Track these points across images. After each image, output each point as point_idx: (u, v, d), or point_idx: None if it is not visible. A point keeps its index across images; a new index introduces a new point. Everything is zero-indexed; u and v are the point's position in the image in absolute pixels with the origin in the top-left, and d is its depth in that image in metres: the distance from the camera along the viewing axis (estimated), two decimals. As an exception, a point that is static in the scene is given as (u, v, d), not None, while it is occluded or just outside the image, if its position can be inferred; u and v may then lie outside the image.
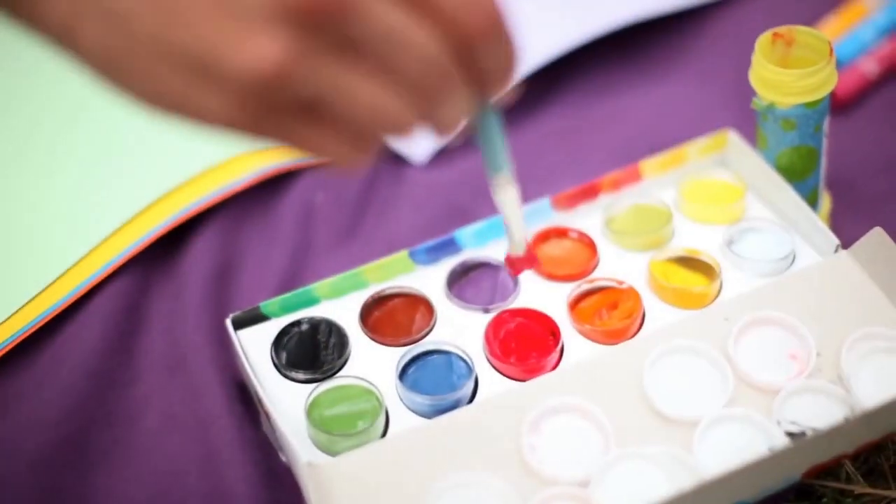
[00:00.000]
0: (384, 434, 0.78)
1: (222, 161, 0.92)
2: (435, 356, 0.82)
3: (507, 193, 0.68)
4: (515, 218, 0.71)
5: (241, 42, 0.52)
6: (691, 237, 0.87)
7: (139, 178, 0.92)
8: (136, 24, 0.53)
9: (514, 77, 0.58)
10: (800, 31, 0.86)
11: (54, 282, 0.87)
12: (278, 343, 0.82)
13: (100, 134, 0.95)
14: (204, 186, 0.91)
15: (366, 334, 0.83)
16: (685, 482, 0.73)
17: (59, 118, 0.96)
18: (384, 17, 0.53)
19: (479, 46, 0.56)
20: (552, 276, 0.85)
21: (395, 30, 0.54)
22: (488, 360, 0.81)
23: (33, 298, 0.86)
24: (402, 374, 0.81)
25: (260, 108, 0.54)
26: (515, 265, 0.75)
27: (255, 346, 0.82)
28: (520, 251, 0.74)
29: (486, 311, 0.84)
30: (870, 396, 0.76)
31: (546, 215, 0.88)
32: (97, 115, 0.95)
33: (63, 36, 0.55)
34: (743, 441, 0.76)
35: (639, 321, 0.83)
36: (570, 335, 0.82)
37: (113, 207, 0.90)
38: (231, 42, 0.52)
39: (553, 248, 0.87)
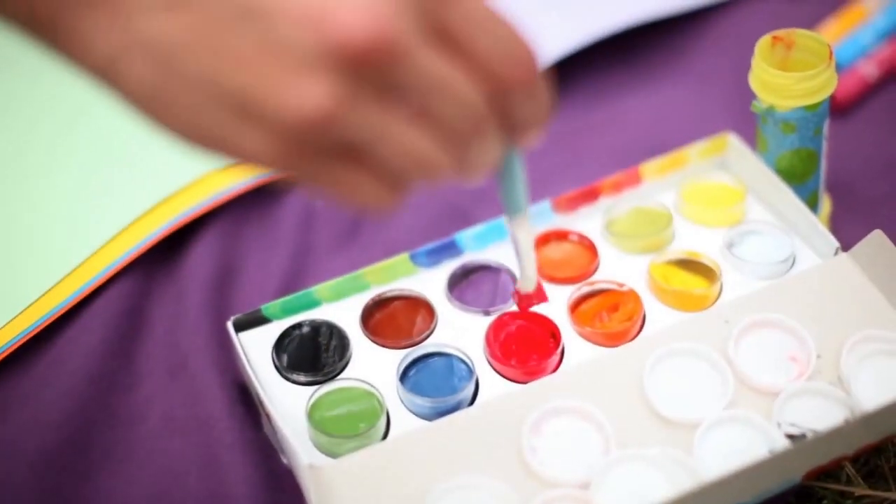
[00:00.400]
0: (385, 436, 0.78)
1: (223, 165, 0.92)
2: (436, 358, 0.82)
3: (522, 231, 0.70)
4: (528, 255, 0.73)
5: (289, 85, 0.53)
6: (691, 240, 0.87)
7: (140, 182, 0.92)
8: (183, 63, 0.54)
9: (544, 126, 0.59)
10: (799, 35, 0.86)
11: (56, 285, 0.87)
12: (279, 345, 0.83)
13: (101, 137, 0.95)
14: (205, 190, 0.91)
15: (367, 336, 0.83)
16: (685, 484, 0.73)
17: (60, 121, 0.96)
18: (429, 66, 0.54)
19: (514, 96, 0.57)
20: (553, 279, 0.85)
21: (439, 78, 0.54)
22: (489, 362, 0.81)
23: (35, 302, 0.86)
24: (403, 376, 0.81)
25: (300, 149, 0.54)
26: (524, 301, 0.78)
27: (256, 349, 0.83)
28: (530, 287, 0.76)
29: (487, 313, 0.84)
30: (870, 398, 0.76)
31: (546, 218, 0.88)
32: (98, 118, 0.95)
33: (107, 71, 0.55)
34: (743, 443, 0.76)
35: (639, 323, 0.83)
36: (570, 337, 0.82)
37: (114, 211, 0.90)
38: (278, 85, 0.53)
39: (553, 251, 0.87)
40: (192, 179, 0.92)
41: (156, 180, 0.92)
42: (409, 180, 0.57)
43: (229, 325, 0.82)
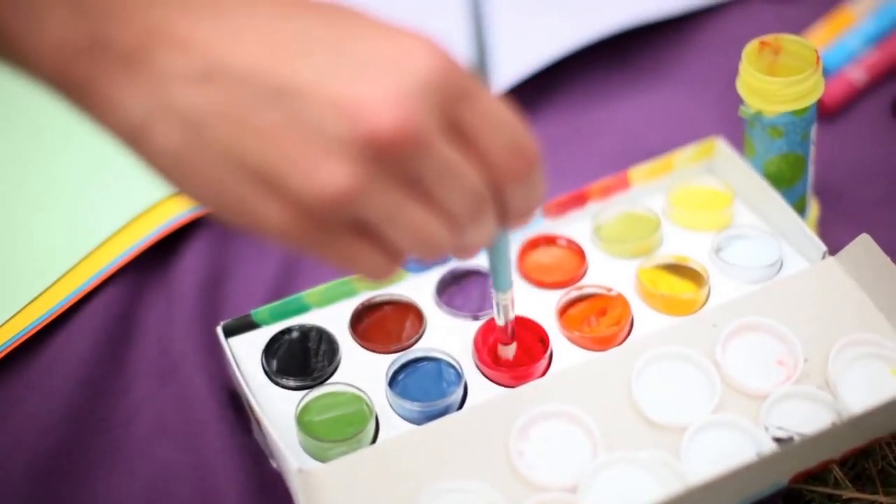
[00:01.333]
0: (374, 440, 0.79)
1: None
2: (425, 363, 0.82)
3: (505, 302, 0.76)
4: (508, 316, 0.78)
5: (314, 166, 0.55)
6: (680, 244, 0.88)
7: (131, 187, 0.92)
8: (211, 133, 0.55)
9: (534, 215, 0.64)
10: (787, 40, 0.86)
11: (46, 290, 0.87)
12: (269, 350, 0.83)
13: (91, 143, 0.95)
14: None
15: (356, 341, 0.83)
16: (673, 487, 0.73)
17: (51, 128, 0.96)
18: (443, 156, 0.57)
19: (512, 186, 0.60)
20: (541, 284, 0.86)
21: (451, 168, 0.57)
22: (477, 366, 0.82)
23: (25, 307, 0.86)
24: (392, 380, 0.81)
25: (315, 226, 0.57)
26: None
27: (245, 354, 0.83)
28: (509, 356, 0.81)
29: (476, 318, 0.84)
30: (857, 402, 0.77)
31: (535, 223, 0.89)
32: (89, 125, 0.95)
33: (135, 135, 0.57)
34: (731, 446, 0.76)
35: (627, 328, 0.83)
36: (559, 342, 0.83)
37: (104, 216, 0.91)
38: (304, 164, 0.55)
39: (542, 256, 0.88)
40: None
41: (146, 186, 0.92)
42: (409, 255, 0.60)
43: (219, 331, 0.83)
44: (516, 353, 0.81)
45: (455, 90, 0.57)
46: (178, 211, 0.91)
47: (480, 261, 0.86)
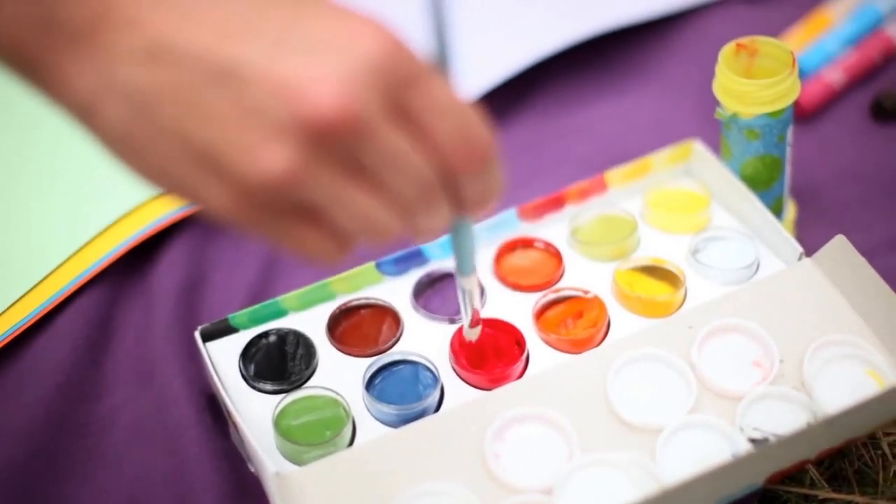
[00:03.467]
0: (351, 443, 0.79)
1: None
2: (401, 366, 0.82)
3: (468, 286, 0.75)
4: (473, 307, 0.78)
5: (255, 148, 0.55)
6: (657, 246, 0.88)
7: (109, 192, 0.92)
8: (156, 112, 0.56)
9: (493, 204, 0.63)
10: (763, 42, 0.86)
11: (25, 295, 0.87)
12: (246, 354, 0.83)
13: (70, 148, 0.95)
14: (173, 201, 0.92)
15: (333, 345, 0.84)
16: (649, 489, 0.74)
17: (29, 134, 0.96)
18: (388, 142, 0.57)
19: (465, 177, 0.60)
20: (518, 287, 0.86)
21: (396, 154, 0.57)
22: (454, 369, 0.82)
23: (3, 312, 0.86)
24: (369, 384, 0.81)
25: (257, 207, 0.57)
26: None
27: (223, 358, 0.83)
28: (473, 338, 0.80)
29: (453, 321, 0.84)
30: (832, 402, 0.77)
31: (512, 225, 0.89)
32: (67, 130, 0.95)
33: (84, 111, 0.58)
34: (706, 448, 0.76)
35: (604, 330, 0.83)
36: (535, 345, 0.83)
37: (83, 221, 0.91)
38: (244, 146, 0.56)
39: (519, 259, 0.88)
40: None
41: (125, 190, 0.92)
42: (357, 239, 0.60)
43: (197, 335, 0.83)
44: (491, 356, 0.81)
45: (402, 76, 0.57)
46: (156, 215, 0.91)
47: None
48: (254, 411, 0.80)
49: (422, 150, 0.58)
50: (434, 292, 0.86)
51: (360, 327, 0.85)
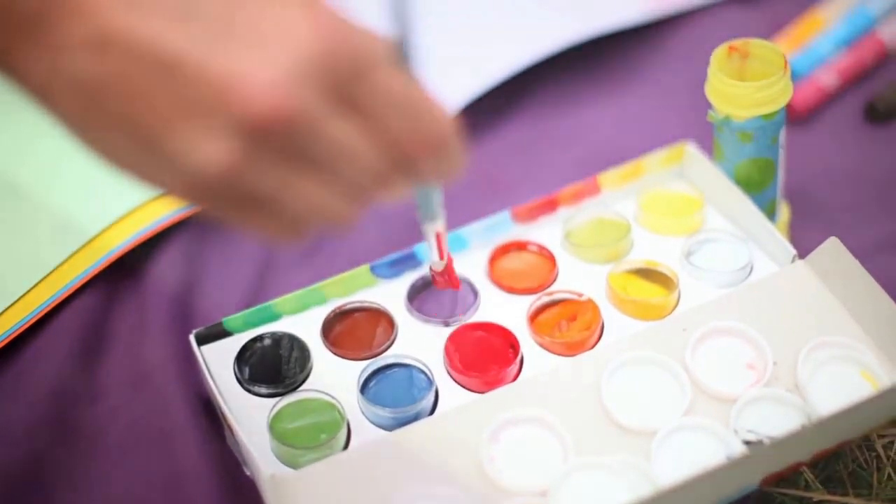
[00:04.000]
0: (346, 447, 0.79)
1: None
2: (396, 369, 0.82)
3: (434, 230, 0.74)
4: (439, 247, 0.78)
5: (196, 141, 0.56)
6: (650, 249, 0.88)
7: (104, 195, 0.92)
8: (104, 102, 0.56)
9: (455, 176, 0.62)
10: (755, 45, 0.86)
11: (19, 299, 0.87)
12: (241, 358, 0.83)
13: (64, 151, 0.95)
14: (169, 203, 0.92)
15: (328, 348, 0.84)
16: (643, 491, 0.73)
17: (24, 139, 0.96)
18: (335, 134, 0.57)
19: (419, 161, 0.60)
20: (512, 290, 0.86)
21: (345, 145, 0.58)
22: (448, 372, 0.82)
23: (-2, 317, 0.86)
24: (364, 387, 0.81)
25: (205, 194, 0.58)
26: (435, 279, 0.81)
27: (218, 361, 0.83)
28: (438, 267, 0.80)
29: (447, 324, 0.84)
30: (826, 404, 0.77)
31: (506, 228, 0.89)
32: (62, 135, 0.95)
33: (40, 98, 0.58)
34: (701, 450, 0.76)
35: (598, 333, 0.83)
36: (529, 347, 0.83)
37: (78, 225, 0.91)
38: (186, 139, 0.56)
39: (513, 262, 0.88)
40: (155, 194, 0.92)
41: (120, 194, 0.92)
42: (312, 224, 0.60)
43: (191, 339, 0.83)
44: (486, 359, 0.81)
45: (347, 67, 0.57)
46: (151, 219, 0.91)
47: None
48: (249, 415, 0.80)
49: (372, 139, 0.58)
50: (428, 295, 0.86)
51: (354, 330, 0.85)
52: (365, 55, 0.57)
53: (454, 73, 1.00)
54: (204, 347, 0.83)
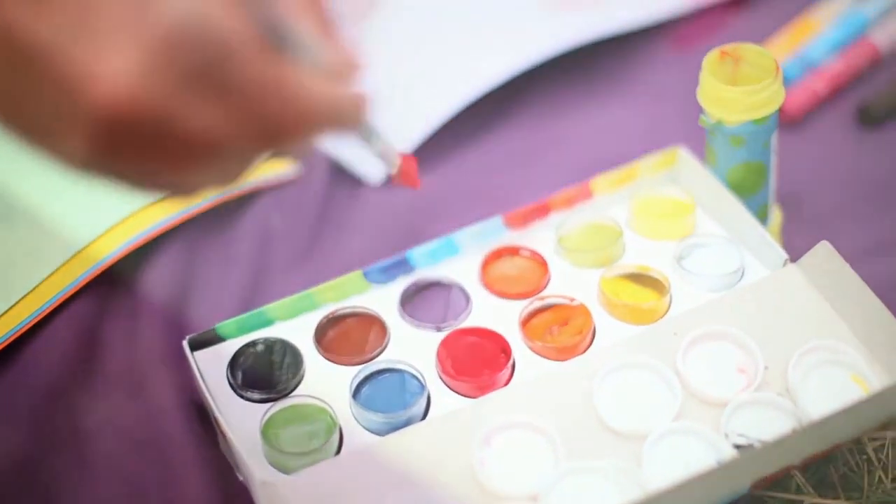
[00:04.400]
0: (338, 452, 0.79)
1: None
2: (388, 374, 0.83)
3: (382, 145, 0.72)
4: (383, 150, 0.73)
5: (55, 134, 0.56)
6: (642, 253, 0.88)
7: (98, 202, 0.92)
8: None
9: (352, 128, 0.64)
10: (746, 49, 0.87)
11: (13, 306, 0.87)
12: (234, 363, 0.83)
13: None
14: (162, 210, 0.92)
15: (320, 354, 0.84)
16: (634, 495, 0.74)
17: (16, 146, 0.96)
18: (193, 120, 0.57)
19: (287, 143, 0.60)
20: (504, 294, 0.86)
21: (199, 135, 0.57)
22: (441, 377, 0.82)
23: (-8, 323, 0.86)
24: (356, 392, 0.81)
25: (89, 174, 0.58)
26: (393, 179, 0.79)
27: (211, 367, 0.83)
28: (392, 170, 0.77)
29: (439, 329, 0.85)
30: (817, 408, 0.77)
31: (499, 233, 0.89)
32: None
33: None
34: (692, 454, 0.76)
35: (589, 337, 0.84)
36: (521, 352, 0.83)
37: (72, 231, 0.91)
38: (47, 132, 0.56)
39: (505, 267, 0.88)
40: (149, 200, 0.92)
41: (113, 201, 0.92)
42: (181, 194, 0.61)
43: (185, 344, 0.83)
44: (477, 364, 0.82)
45: (207, 53, 0.56)
46: (144, 226, 0.91)
47: (443, 274, 0.87)
48: (241, 420, 0.80)
49: (241, 122, 0.58)
50: (420, 300, 0.87)
51: (347, 336, 0.85)
52: (230, 40, 0.56)
53: (447, 80, 1.01)
54: (197, 353, 0.84)
